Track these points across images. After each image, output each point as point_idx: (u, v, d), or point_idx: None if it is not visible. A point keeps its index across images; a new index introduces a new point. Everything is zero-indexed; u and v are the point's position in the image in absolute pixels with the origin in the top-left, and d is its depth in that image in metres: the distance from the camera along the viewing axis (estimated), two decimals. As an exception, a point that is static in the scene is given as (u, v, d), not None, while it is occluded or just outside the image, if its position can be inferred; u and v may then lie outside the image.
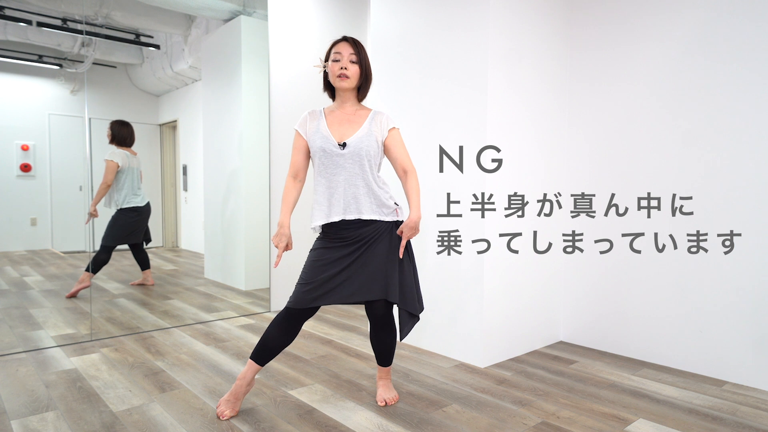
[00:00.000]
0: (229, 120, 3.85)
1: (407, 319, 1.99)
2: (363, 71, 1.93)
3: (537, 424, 1.96)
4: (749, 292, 2.36)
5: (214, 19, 3.86)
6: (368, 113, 1.99)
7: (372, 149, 1.92)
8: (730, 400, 2.22)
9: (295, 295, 1.92)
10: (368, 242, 1.93)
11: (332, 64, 1.92)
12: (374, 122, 1.96)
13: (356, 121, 1.96)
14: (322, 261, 1.93)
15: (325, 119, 1.97)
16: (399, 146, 1.99)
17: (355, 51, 1.91)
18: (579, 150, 2.99)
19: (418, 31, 2.86)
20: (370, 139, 1.92)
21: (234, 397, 1.99)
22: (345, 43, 1.92)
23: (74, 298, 3.35)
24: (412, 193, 1.97)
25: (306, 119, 1.99)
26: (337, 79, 1.91)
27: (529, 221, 2.83)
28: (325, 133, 1.92)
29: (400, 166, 1.99)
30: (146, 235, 3.59)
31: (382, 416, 2.01)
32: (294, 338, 1.99)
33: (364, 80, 1.95)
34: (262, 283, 3.87)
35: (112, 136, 3.32)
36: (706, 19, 2.47)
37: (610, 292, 2.87)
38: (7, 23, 3.02)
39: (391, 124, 1.99)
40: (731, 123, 2.40)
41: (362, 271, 1.91)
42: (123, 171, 3.36)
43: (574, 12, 2.98)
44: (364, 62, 1.93)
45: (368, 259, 1.92)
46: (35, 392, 2.18)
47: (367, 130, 1.93)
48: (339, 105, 1.99)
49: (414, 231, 1.95)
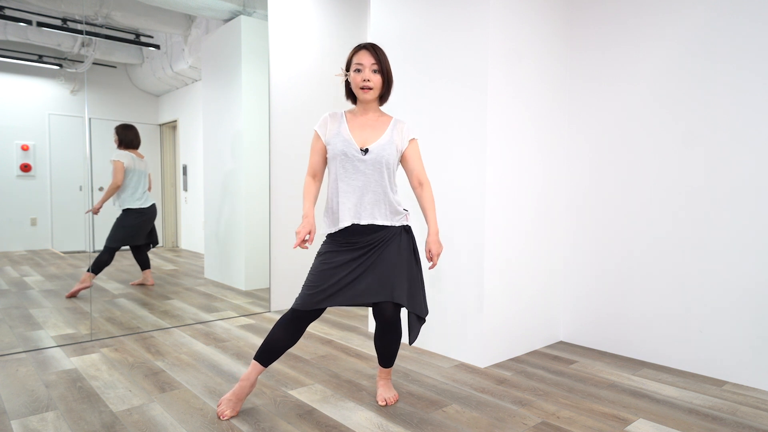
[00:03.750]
0: (229, 120, 3.85)
1: (415, 321, 2.00)
2: (385, 80, 1.94)
3: (537, 424, 1.96)
4: (749, 292, 2.36)
5: (214, 19, 3.86)
6: (389, 120, 2.00)
7: (392, 157, 1.94)
8: (730, 400, 2.22)
9: (301, 298, 1.92)
10: (377, 246, 1.93)
11: (354, 74, 1.92)
12: (396, 130, 1.98)
13: (378, 127, 1.97)
14: (330, 264, 1.92)
15: (347, 123, 1.97)
16: (417, 158, 2.02)
17: (377, 60, 1.90)
18: (579, 150, 2.99)
19: (418, 31, 2.85)
20: (392, 147, 1.94)
21: (236, 397, 1.99)
22: (365, 52, 1.91)
23: (74, 298, 3.35)
24: (430, 207, 2.01)
25: (327, 121, 1.98)
26: (360, 91, 1.92)
27: (530, 221, 2.83)
28: (347, 137, 1.93)
29: (416, 178, 2.02)
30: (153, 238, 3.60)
31: (382, 416, 2.01)
32: (298, 340, 1.99)
33: (386, 88, 1.96)
34: (262, 283, 3.87)
35: (119, 140, 3.36)
36: (706, 18, 2.47)
37: (610, 292, 2.87)
38: (7, 23, 3.02)
39: (412, 135, 2.02)
40: (731, 123, 2.40)
41: (370, 273, 1.91)
42: (128, 172, 3.38)
43: (574, 12, 2.98)
44: (385, 70, 1.93)
45: (376, 263, 1.92)
46: (35, 392, 2.18)
47: (389, 138, 1.95)
48: (361, 111, 2.00)
49: (440, 246, 2.00)
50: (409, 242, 1.99)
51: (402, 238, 1.97)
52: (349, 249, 1.93)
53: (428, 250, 2.01)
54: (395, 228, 1.96)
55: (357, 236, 1.93)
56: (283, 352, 1.98)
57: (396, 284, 1.91)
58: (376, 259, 1.92)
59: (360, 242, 1.93)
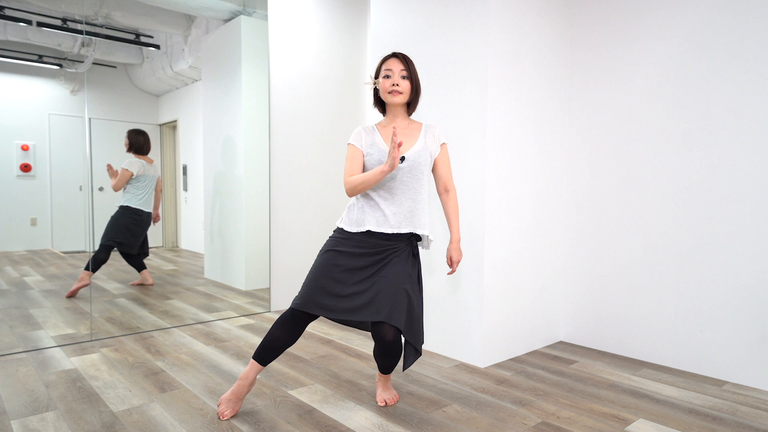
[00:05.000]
0: (229, 120, 3.85)
1: (412, 352, 1.93)
2: (414, 86, 1.95)
3: (537, 424, 1.96)
4: (749, 292, 2.36)
5: (214, 19, 3.85)
6: (420, 126, 2.01)
7: (427, 163, 1.95)
8: (730, 400, 2.22)
9: (300, 297, 1.91)
10: (386, 257, 1.90)
11: (383, 80, 1.93)
12: (428, 135, 1.98)
13: (411, 134, 1.97)
14: (337, 267, 1.90)
15: (380, 134, 1.97)
16: (446, 163, 2.04)
17: (406, 67, 1.92)
18: (579, 149, 2.99)
19: (418, 31, 2.85)
20: (426, 153, 1.95)
21: (235, 396, 1.99)
22: (395, 59, 1.93)
23: (74, 297, 3.35)
24: (454, 214, 2.03)
25: (360, 134, 1.97)
26: (389, 95, 1.93)
27: (529, 221, 2.83)
28: (382, 147, 1.92)
29: (443, 184, 2.04)
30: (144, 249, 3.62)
31: (382, 416, 2.01)
32: (297, 339, 1.98)
33: (414, 95, 1.97)
34: (262, 283, 3.87)
35: (130, 144, 3.41)
36: (706, 18, 2.47)
37: (610, 292, 2.87)
38: (7, 23, 3.02)
39: (443, 139, 2.03)
40: (732, 122, 2.40)
41: (373, 287, 1.87)
42: (137, 179, 3.44)
43: (574, 12, 2.98)
44: (414, 77, 1.95)
45: (383, 276, 1.88)
46: (35, 392, 2.18)
47: (422, 144, 1.95)
48: (390, 120, 2.00)
49: (461, 253, 2.01)
50: (415, 266, 1.96)
51: (410, 260, 1.93)
52: (358, 254, 1.90)
53: (449, 257, 2.02)
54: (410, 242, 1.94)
55: (372, 238, 1.91)
56: (282, 351, 1.97)
57: (394, 305, 1.84)
58: (384, 273, 1.88)
59: (372, 246, 1.90)
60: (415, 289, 1.93)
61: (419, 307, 1.95)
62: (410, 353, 1.94)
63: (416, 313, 1.92)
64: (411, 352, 1.94)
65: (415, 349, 1.93)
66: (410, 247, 1.95)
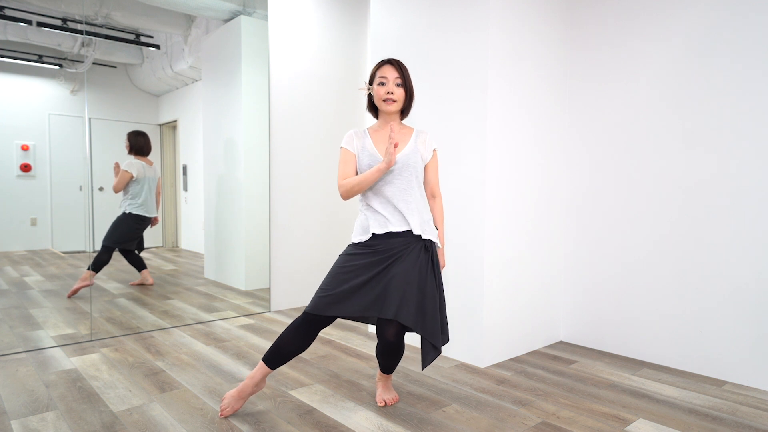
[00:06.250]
0: (229, 120, 3.85)
1: (430, 349, 1.89)
2: (408, 94, 1.97)
3: (537, 424, 1.96)
4: (749, 292, 2.36)
5: (214, 19, 3.85)
6: (411, 131, 2.03)
7: (418, 166, 1.97)
8: (730, 400, 2.22)
9: (313, 301, 1.91)
10: (397, 254, 1.89)
11: (378, 87, 1.95)
12: (419, 140, 2.00)
13: (402, 138, 2.00)
14: (346, 268, 1.91)
15: (371, 138, 1.99)
16: (435, 169, 2.06)
17: (400, 74, 1.94)
18: (579, 149, 2.99)
19: (418, 31, 2.86)
20: (416, 156, 1.96)
21: (239, 394, 1.99)
22: (390, 66, 1.95)
23: (74, 297, 3.35)
24: (440, 220, 2.07)
25: (352, 138, 1.99)
26: (383, 103, 1.94)
27: (529, 221, 2.83)
28: (372, 151, 1.95)
29: (430, 190, 2.06)
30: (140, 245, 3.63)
31: (382, 416, 2.01)
32: (309, 345, 1.95)
33: (408, 102, 1.99)
34: (262, 283, 3.87)
35: (130, 146, 3.42)
36: (706, 17, 2.47)
37: (610, 292, 2.87)
38: (7, 23, 3.02)
39: (435, 145, 2.06)
40: (732, 122, 2.40)
41: (382, 284, 1.87)
42: (137, 180, 3.45)
43: (573, 12, 2.98)
44: (408, 85, 1.96)
45: (391, 275, 1.88)
46: (35, 392, 2.18)
47: (413, 148, 1.97)
48: (383, 125, 2.02)
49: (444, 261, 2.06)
50: (428, 261, 1.93)
51: (421, 256, 1.92)
52: (369, 253, 1.91)
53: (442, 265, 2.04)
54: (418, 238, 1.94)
55: (381, 239, 1.92)
56: (292, 357, 1.94)
57: (404, 302, 1.83)
58: (394, 270, 1.88)
59: (382, 246, 1.90)
60: (429, 285, 1.90)
61: (436, 302, 1.91)
62: (428, 350, 1.89)
63: (431, 308, 1.88)
64: (429, 349, 1.90)
65: (433, 345, 1.89)
66: (420, 243, 1.93)
